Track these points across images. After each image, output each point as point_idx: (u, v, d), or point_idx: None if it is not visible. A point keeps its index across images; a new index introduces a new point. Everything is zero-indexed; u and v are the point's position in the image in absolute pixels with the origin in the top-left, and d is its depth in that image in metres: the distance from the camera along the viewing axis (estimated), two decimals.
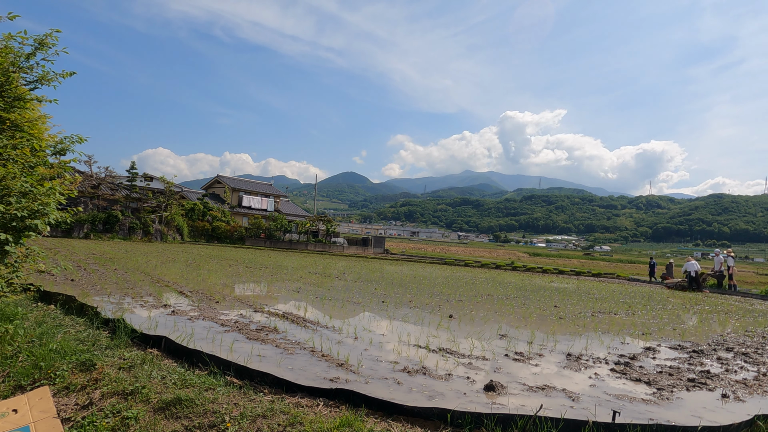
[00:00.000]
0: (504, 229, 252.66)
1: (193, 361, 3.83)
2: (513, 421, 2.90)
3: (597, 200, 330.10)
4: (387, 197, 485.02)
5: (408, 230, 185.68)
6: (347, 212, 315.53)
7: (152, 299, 7.25)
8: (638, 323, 8.26)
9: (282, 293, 9.45)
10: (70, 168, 5.27)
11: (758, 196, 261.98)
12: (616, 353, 5.61)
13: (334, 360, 4.39)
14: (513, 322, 7.41)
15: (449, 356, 4.85)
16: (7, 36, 4.36)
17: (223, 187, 47.68)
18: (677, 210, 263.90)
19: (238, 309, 6.95)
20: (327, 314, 6.99)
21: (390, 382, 3.85)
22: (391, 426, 2.87)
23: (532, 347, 5.58)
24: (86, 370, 3.52)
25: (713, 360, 5.62)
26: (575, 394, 3.84)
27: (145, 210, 32.92)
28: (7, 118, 4.31)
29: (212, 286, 9.46)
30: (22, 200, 4.16)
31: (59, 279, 8.83)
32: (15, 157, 4.29)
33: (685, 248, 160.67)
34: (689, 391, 4.21)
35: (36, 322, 4.85)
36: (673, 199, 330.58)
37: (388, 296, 9.67)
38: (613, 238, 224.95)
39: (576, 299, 11.71)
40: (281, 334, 5.35)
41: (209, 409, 2.92)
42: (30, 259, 4.65)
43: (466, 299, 10.09)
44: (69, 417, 2.96)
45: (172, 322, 5.64)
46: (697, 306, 12.28)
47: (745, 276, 33.43)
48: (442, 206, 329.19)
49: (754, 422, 3.12)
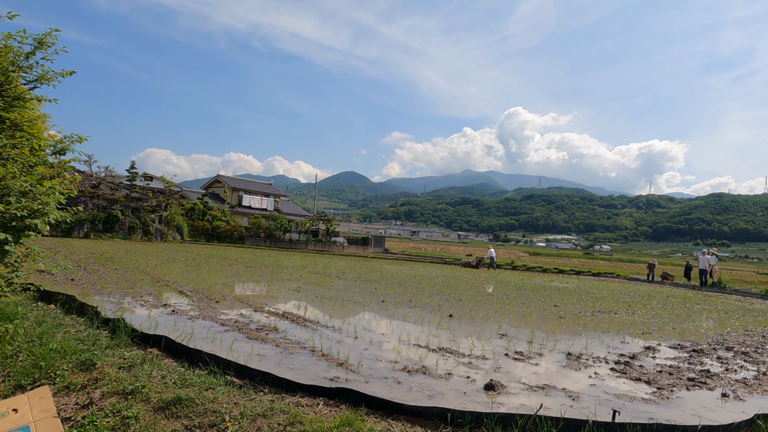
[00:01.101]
0: (504, 228, 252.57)
1: (193, 361, 3.83)
2: (513, 420, 2.90)
3: (597, 199, 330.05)
4: (387, 197, 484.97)
5: (408, 230, 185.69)
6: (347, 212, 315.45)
7: (152, 299, 7.25)
8: (638, 322, 8.26)
9: (282, 293, 9.45)
10: (69, 167, 5.27)
11: (758, 196, 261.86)
12: (616, 352, 5.62)
13: (334, 359, 4.39)
14: (513, 322, 7.41)
15: (449, 356, 4.85)
16: (7, 35, 4.36)
17: (223, 187, 47.66)
18: (677, 209, 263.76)
19: (238, 308, 6.95)
20: (327, 314, 6.99)
21: (390, 382, 3.85)
22: (391, 425, 2.87)
23: (532, 346, 5.59)
24: (86, 369, 3.52)
25: (713, 359, 5.62)
26: (575, 394, 3.84)
27: (145, 209, 32.91)
28: (6, 117, 4.31)
29: (212, 285, 9.46)
30: (22, 200, 4.16)
31: (59, 279, 8.82)
32: (15, 157, 4.29)
33: (685, 248, 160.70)
34: (689, 391, 4.21)
35: (36, 321, 4.85)
36: (673, 199, 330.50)
37: (388, 296, 9.67)
38: (613, 237, 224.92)
39: (576, 298, 11.71)
40: (281, 334, 5.35)
41: (209, 408, 2.92)
42: (30, 258, 4.64)
43: (466, 299, 10.09)
44: (69, 416, 2.96)
45: (172, 321, 5.64)
46: (697, 305, 12.28)
47: (744, 275, 33.42)
48: (442, 206, 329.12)
49: (754, 421, 3.12)
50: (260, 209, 46.64)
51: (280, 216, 40.40)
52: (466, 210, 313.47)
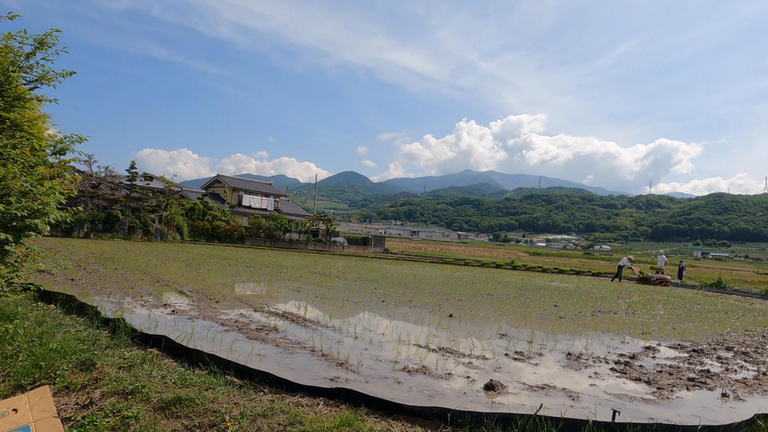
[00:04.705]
0: (504, 228, 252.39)
1: (193, 361, 3.83)
2: (513, 420, 2.90)
3: (597, 199, 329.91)
4: (387, 197, 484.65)
5: (408, 230, 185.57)
6: (347, 212, 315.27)
7: (152, 299, 7.25)
8: (638, 322, 8.27)
9: (282, 293, 9.45)
10: (69, 167, 5.28)
11: (758, 196, 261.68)
12: (616, 352, 5.62)
13: (334, 359, 4.39)
14: (513, 322, 7.41)
15: (449, 355, 4.85)
16: (7, 35, 4.36)
17: (223, 187, 47.67)
18: (677, 209, 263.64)
19: (238, 308, 6.95)
20: (327, 314, 6.99)
21: (390, 382, 3.85)
22: (391, 425, 2.87)
23: (532, 346, 5.59)
24: (86, 369, 3.52)
25: (713, 359, 5.62)
26: (575, 394, 3.84)
27: (145, 209, 32.91)
28: (7, 117, 4.31)
29: (212, 285, 9.46)
30: (22, 200, 4.16)
31: (59, 278, 8.82)
32: (15, 157, 4.29)
33: (684, 247, 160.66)
34: (689, 391, 4.21)
35: (36, 321, 4.85)
36: (673, 199, 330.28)
37: (388, 295, 9.67)
38: (613, 237, 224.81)
39: (576, 298, 11.71)
40: (281, 334, 5.35)
41: (209, 408, 2.92)
42: (30, 258, 4.65)
43: (466, 298, 10.09)
44: (69, 416, 2.96)
45: (172, 321, 5.64)
46: (697, 305, 12.28)
47: (744, 275, 33.44)
48: (442, 206, 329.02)
49: (754, 421, 3.13)
50: (260, 209, 46.65)
51: (280, 216, 40.42)
52: (466, 210, 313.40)
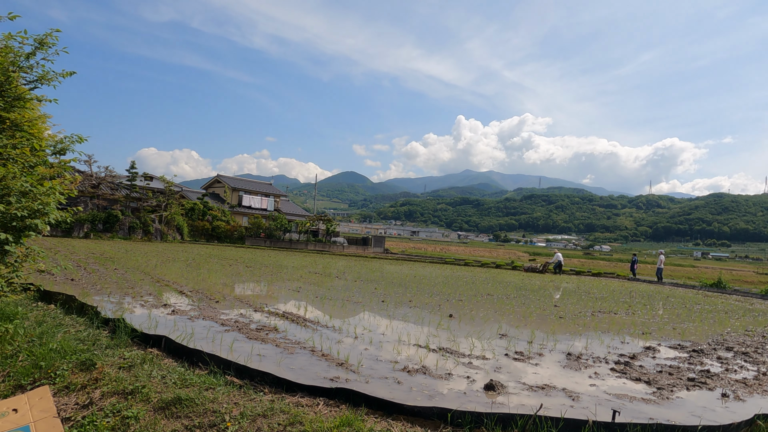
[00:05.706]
0: (504, 228, 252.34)
1: (194, 361, 3.83)
2: (513, 420, 2.90)
3: (597, 200, 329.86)
4: (387, 197, 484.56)
5: (408, 230, 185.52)
6: (347, 212, 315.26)
7: (152, 299, 7.25)
8: (638, 322, 8.26)
9: (282, 293, 9.45)
10: (69, 167, 5.28)
11: (758, 196, 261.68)
12: (616, 353, 5.62)
13: (334, 359, 4.39)
14: (513, 322, 7.41)
15: (449, 356, 4.85)
16: (7, 36, 4.36)
17: (223, 187, 47.67)
18: (677, 209, 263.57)
19: (238, 308, 6.95)
20: (327, 314, 6.99)
21: (390, 382, 3.85)
22: (391, 425, 2.87)
23: (532, 347, 5.59)
24: (86, 369, 3.52)
25: (713, 359, 5.62)
26: (575, 394, 3.84)
27: (145, 209, 32.91)
28: (7, 117, 4.31)
29: (212, 285, 9.46)
30: (22, 200, 4.16)
31: (59, 279, 8.82)
32: (15, 157, 4.29)
33: (684, 248, 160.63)
34: (689, 391, 4.21)
35: (36, 321, 4.85)
36: (673, 199, 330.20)
37: (388, 296, 9.67)
38: (613, 237, 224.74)
39: (576, 298, 11.71)
40: (281, 334, 5.35)
41: (209, 408, 2.92)
42: (30, 258, 4.65)
43: (466, 299, 10.09)
44: (69, 416, 2.96)
45: (172, 321, 5.64)
46: (697, 305, 12.28)
47: (744, 275, 33.42)
48: (442, 206, 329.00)
49: (754, 421, 3.12)
50: (260, 209, 46.65)
51: (280, 216, 40.41)
52: (466, 210, 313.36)
